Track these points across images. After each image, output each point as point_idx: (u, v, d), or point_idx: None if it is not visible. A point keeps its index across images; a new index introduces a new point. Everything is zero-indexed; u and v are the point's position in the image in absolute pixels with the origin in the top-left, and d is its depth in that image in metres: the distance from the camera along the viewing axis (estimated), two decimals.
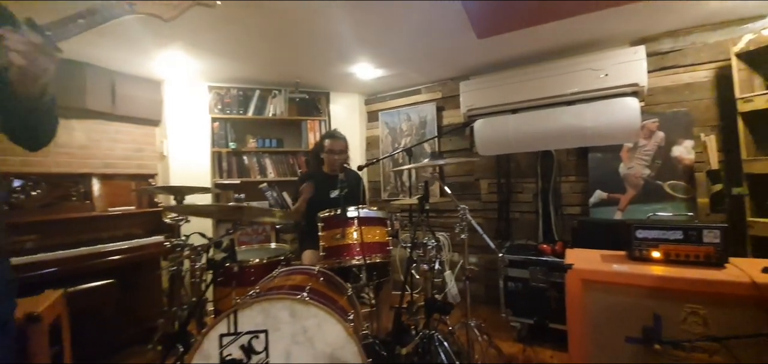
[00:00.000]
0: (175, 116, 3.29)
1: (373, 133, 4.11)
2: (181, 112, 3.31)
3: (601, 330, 1.66)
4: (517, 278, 2.51)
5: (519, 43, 2.71)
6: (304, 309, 1.37)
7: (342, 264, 1.76)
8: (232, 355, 1.32)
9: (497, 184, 3.23)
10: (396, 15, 2.26)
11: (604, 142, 2.66)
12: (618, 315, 1.61)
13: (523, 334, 2.48)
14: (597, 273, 1.65)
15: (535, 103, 2.86)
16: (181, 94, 3.32)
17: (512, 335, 2.52)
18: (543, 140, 2.80)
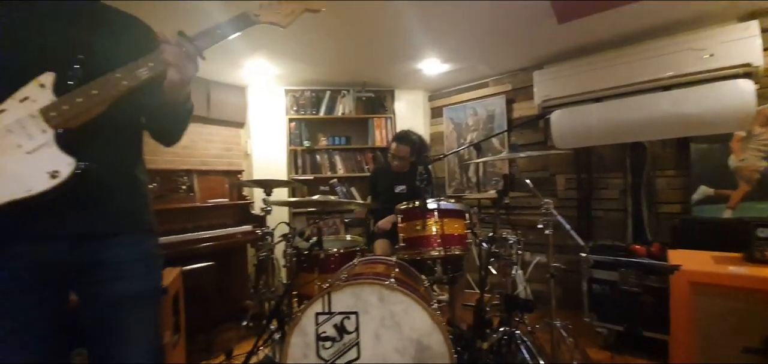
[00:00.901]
0: (257, 118, 3.60)
1: (437, 129, 4.09)
2: (262, 114, 3.61)
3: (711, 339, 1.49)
4: (603, 280, 2.32)
5: (603, 25, 2.49)
6: (391, 295, 1.42)
7: (422, 255, 1.78)
8: (327, 332, 1.42)
9: (576, 179, 3.02)
10: (465, 7, 2.23)
11: (710, 132, 2.34)
12: (733, 323, 1.42)
13: (609, 341, 2.30)
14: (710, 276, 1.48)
15: (624, 90, 2.61)
16: (262, 97, 3.62)
17: (597, 341, 2.34)
18: (634, 131, 2.55)
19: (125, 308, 0.91)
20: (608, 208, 2.86)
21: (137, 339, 0.93)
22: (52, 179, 0.76)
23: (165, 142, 1.07)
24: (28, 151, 0.77)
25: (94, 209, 0.86)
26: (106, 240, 0.89)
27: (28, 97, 0.79)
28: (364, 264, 1.83)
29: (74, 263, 0.85)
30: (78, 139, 0.81)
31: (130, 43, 0.94)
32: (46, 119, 0.78)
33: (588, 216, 2.95)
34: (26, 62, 0.82)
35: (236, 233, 2.93)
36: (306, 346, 1.42)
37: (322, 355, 1.41)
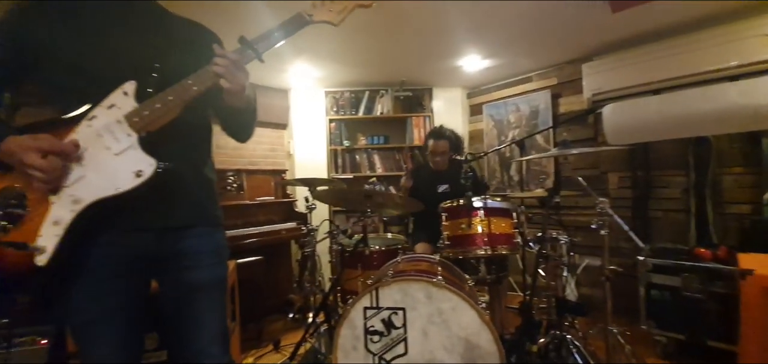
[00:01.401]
0: (299, 120, 3.73)
1: (476, 126, 4.00)
2: (304, 116, 3.74)
3: None
4: (662, 285, 2.16)
5: (659, 11, 2.30)
6: (439, 292, 1.42)
7: (468, 254, 1.76)
8: (375, 327, 1.44)
9: (631, 177, 2.83)
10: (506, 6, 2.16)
11: None
12: None
13: (669, 350, 2.14)
14: None
15: (685, 81, 2.42)
16: (304, 100, 3.74)
17: (655, 350, 2.18)
18: (697, 125, 2.35)
19: (200, 295, 0.99)
20: (668, 208, 2.65)
21: (210, 323, 1.01)
22: (136, 178, 0.84)
23: (238, 139, 1.15)
24: (116, 153, 0.86)
25: (173, 203, 0.94)
26: (184, 232, 0.97)
27: (114, 105, 0.88)
28: (408, 262, 1.84)
29: (157, 252, 0.94)
30: (157, 141, 0.89)
31: (198, 50, 1.01)
32: (131, 124, 0.87)
33: (644, 217, 2.75)
34: (110, 71, 0.91)
35: (281, 230, 3.06)
36: (355, 339, 1.46)
37: (371, 348, 1.44)
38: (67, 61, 0.89)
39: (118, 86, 0.89)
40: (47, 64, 0.89)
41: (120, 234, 0.89)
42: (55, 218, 0.81)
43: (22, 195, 0.84)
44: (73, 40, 0.90)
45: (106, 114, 0.87)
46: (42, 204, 0.83)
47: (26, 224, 0.82)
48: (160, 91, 0.90)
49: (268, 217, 3.10)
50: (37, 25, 0.89)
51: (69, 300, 0.89)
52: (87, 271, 0.87)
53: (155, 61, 0.93)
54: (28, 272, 0.81)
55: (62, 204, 0.82)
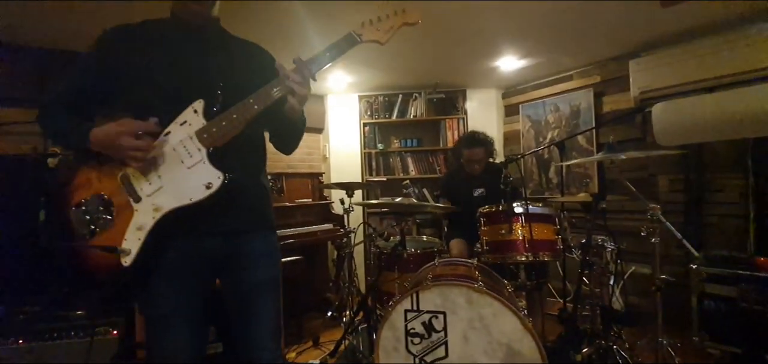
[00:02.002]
0: (334, 124, 3.83)
1: (512, 127, 3.92)
2: (339, 120, 3.84)
3: None
4: (717, 295, 2.03)
5: (714, 3, 2.15)
6: (479, 298, 1.42)
7: (508, 260, 1.75)
8: (415, 329, 1.48)
9: (684, 180, 2.66)
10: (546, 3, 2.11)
11: None
12: None
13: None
14: None
15: (744, 78, 2.25)
16: (338, 104, 3.84)
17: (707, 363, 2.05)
18: (757, 124, 2.17)
19: (258, 293, 1.08)
20: (724, 213, 2.48)
21: (267, 319, 1.09)
22: (207, 190, 0.93)
23: (285, 151, 1.24)
24: (188, 167, 0.95)
25: (235, 210, 1.03)
26: (245, 236, 1.06)
27: (186, 121, 0.98)
28: (445, 265, 1.85)
29: (222, 254, 1.03)
30: (222, 155, 0.97)
31: (256, 69, 1.10)
32: (201, 140, 0.96)
33: (698, 222, 2.58)
34: (180, 89, 1.00)
35: (318, 231, 3.17)
36: (396, 340, 1.50)
37: (411, 350, 1.48)
38: (144, 81, 0.99)
39: (188, 104, 0.98)
40: (128, 84, 1.00)
41: (190, 238, 0.98)
42: (138, 223, 0.92)
43: (110, 202, 0.95)
44: (149, 62, 1.00)
45: (179, 130, 0.97)
46: (126, 210, 0.93)
47: (113, 228, 0.93)
48: (224, 108, 0.99)
49: (306, 218, 3.21)
50: (120, 51, 1.00)
51: (147, 295, 1.00)
52: (162, 270, 0.97)
53: (219, 80, 1.02)
54: (114, 270, 0.92)
55: (144, 211, 0.93)
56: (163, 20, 1.07)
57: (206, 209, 0.96)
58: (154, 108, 0.99)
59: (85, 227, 0.93)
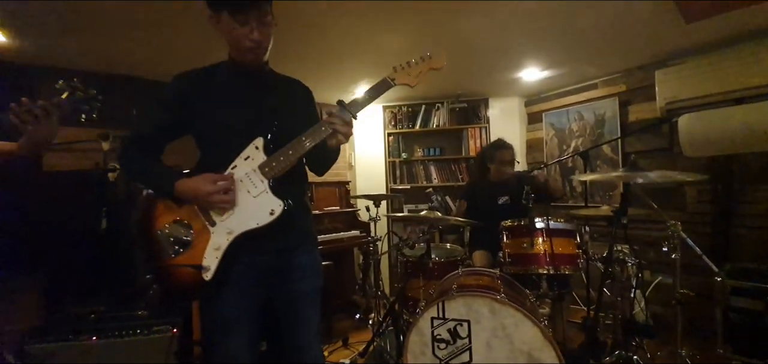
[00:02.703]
0: (359, 133, 4.00)
1: (535, 135, 3.95)
2: (364, 130, 3.99)
3: None
4: (743, 308, 2.03)
5: (742, 13, 2.14)
6: (502, 308, 1.53)
7: (530, 272, 1.84)
8: (441, 335, 1.60)
9: (712, 191, 2.64)
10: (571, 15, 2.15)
11: None
12: None
13: None
14: None
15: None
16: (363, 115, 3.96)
17: None
18: None
19: (305, 300, 1.24)
20: (754, 225, 2.45)
21: (312, 323, 1.26)
22: (270, 216, 1.10)
23: (318, 174, 1.40)
24: (254, 196, 1.12)
25: (286, 230, 1.19)
26: (294, 251, 1.22)
27: (249, 157, 1.15)
28: (469, 275, 1.96)
29: (276, 267, 1.19)
30: (280, 185, 1.14)
31: (299, 104, 1.29)
32: (263, 173, 1.13)
33: (726, 234, 2.56)
34: (241, 127, 1.17)
35: (345, 237, 3.33)
36: (423, 345, 1.63)
37: (438, 354, 1.60)
38: (209, 121, 1.17)
39: (248, 141, 1.15)
40: (195, 123, 1.19)
41: (254, 254, 1.15)
42: (215, 245, 1.09)
43: (189, 226, 1.13)
44: (213, 105, 1.18)
45: (244, 164, 1.14)
46: (204, 233, 1.11)
47: (193, 248, 1.11)
48: (278, 142, 1.15)
49: (334, 225, 3.38)
50: (191, 93, 1.18)
51: (214, 302, 1.17)
52: (228, 281, 1.14)
53: (273, 119, 1.19)
54: (196, 284, 1.10)
55: (219, 234, 1.10)
56: (223, 64, 1.24)
57: (264, 229, 1.12)
58: (218, 144, 1.17)
59: (171, 248, 1.11)
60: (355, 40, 2.49)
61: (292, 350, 1.25)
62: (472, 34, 2.43)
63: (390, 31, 2.39)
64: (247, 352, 1.20)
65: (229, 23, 1.10)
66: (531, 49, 2.79)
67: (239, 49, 1.16)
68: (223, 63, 1.24)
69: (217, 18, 1.12)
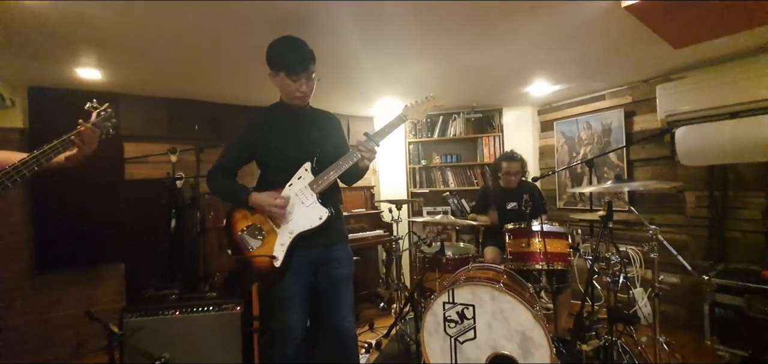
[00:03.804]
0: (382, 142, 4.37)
1: (547, 142, 4.21)
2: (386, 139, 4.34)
3: None
4: (728, 304, 2.27)
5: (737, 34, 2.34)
6: (501, 295, 1.88)
7: (527, 267, 2.18)
8: (451, 316, 1.97)
9: (709, 197, 2.85)
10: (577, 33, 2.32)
11: None
12: None
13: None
14: None
15: (762, 105, 2.43)
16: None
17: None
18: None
19: (343, 283, 1.66)
20: (746, 229, 2.65)
21: (348, 301, 1.67)
22: (319, 220, 1.53)
23: (348, 185, 1.80)
24: (306, 206, 1.55)
25: (328, 230, 1.60)
26: (334, 246, 1.64)
27: (301, 177, 1.57)
28: (477, 269, 2.31)
29: (321, 258, 1.62)
30: (325, 196, 1.56)
31: (333, 133, 1.72)
32: (312, 188, 1.55)
33: (722, 237, 2.77)
34: (294, 154, 1.60)
35: (371, 236, 3.74)
36: (436, 324, 2.00)
37: (448, 332, 1.97)
38: (271, 150, 1.61)
39: (299, 165, 1.58)
40: (260, 150, 1.63)
41: (307, 248, 1.58)
42: (281, 241, 1.53)
43: (261, 228, 1.57)
44: (272, 136, 1.61)
45: (297, 182, 1.57)
46: (272, 234, 1.55)
47: (264, 244, 1.54)
48: (321, 165, 1.58)
49: (360, 225, 3.80)
50: (255, 131, 1.63)
51: (279, 284, 1.60)
52: (290, 268, 1.57)
53: (317, 147, 1.62)
54: (268, 269, 1.53)
55: (283, 234, 1.53)
56: (276, 106, 1.67)
57: (315, 230, 1.54)
58: (276, 167, 1.60)
59: (249, 245, 1.55)
60: (385, 71, 2.89)
61: (334, 320, 1.67)
62: (487, 60, 2.76)
63: (414, 63, 2.77)
64: (300, 323, 1.63)
65: (285, 80, 1.53)
66: (541, 67, 3.06)
67: (291, 98, 1.60)
68: (276, 105, 1.68)
69: (275, 74, 1.55)
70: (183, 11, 1.82)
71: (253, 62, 2.51)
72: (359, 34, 2.20)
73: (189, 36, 2.13)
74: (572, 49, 2.56)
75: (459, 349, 1.95)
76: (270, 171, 1.64)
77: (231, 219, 1.61)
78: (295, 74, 1.51)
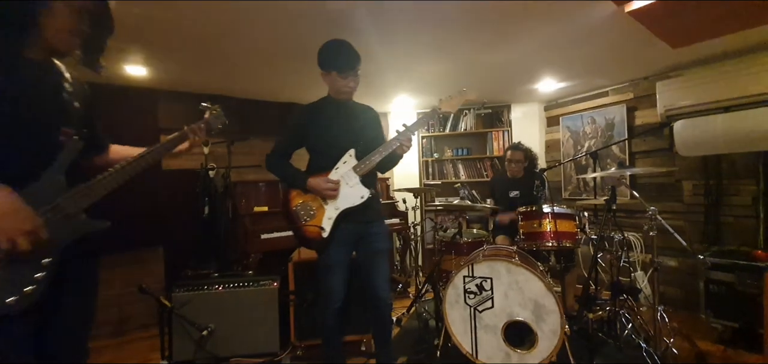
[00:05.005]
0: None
1: (553, 136, 4.43)
2: None
3: None
4: (721, 281, 2.50)
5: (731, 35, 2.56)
6: (516, 268, 2.12)
7: (539, 246, 2.41)
8: (471, 289, 2.20)
9: (704, 185, 3.08)
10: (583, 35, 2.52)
11: None
12: None
13: (725, 336, 2.47)
14: None
15: (753, 100, 2.66)
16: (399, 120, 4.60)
17: (712, 336, 2.53)
18: (763, 139, 2.58)
19: (381, 256, 1.89)
20: (739, 214, 2.88)
21: (385, 273, 1.90)
22: (361, 199, 1.77)
23: (383, 173, 2.03)
24: (350, 186, 1.79)
25: (368, 208, 1.84)
26: (372, 223, 1.88)
27: (346, 162, 1.81)
28: (491, 250, 2.54)
29: (361, 233, 1.85)
30: (366, 178, 1.79)
31: (375, 126, 1.95)
32: (355, 172, 1.79)
33: (717, 222, 3.00)
34: (340, 142, 1.84)
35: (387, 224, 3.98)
36: (457, 295, 2.23)
37: (468, 302, 2.21)
38: (320, 138, 1.85)
39: (344, 151, 1.82)
40: (310, 139, 1.87)
41: (349, 223, 1.81)
42: (328, 216, 1.77)
43: (311, 205, 1.81)
44: (321, 126, 1.85)
45: (343, 167, 1.81)
46: (321, 209, 1.79)
47: (316, 218, 1.79)
48: (363, 151, 1.81)
49: None
50: (306, 119, 1.86)
51: (326, 253, 1.84)
52: (335, 239, 1.81)
53: (360, 136, 1.85)
54: (318, 239, 1.78)
55: (330, 209, 1.78)
56: (325, 99, 1.91)
57: (357, 208, 1.78)
58: (324, 154, 1.84)
59: (303, 217, 1.79)
60: (403, 69, 3.11)
61: (371, 289, 1.91)
62: (498, 60, 2.99)
63: (431, 63, 3.00)
64: (341, 289, 1.86)
65: (336, 78, 1.77)
66: (548, 66, 3.29)
67: (338, 93, 1.84)
68: (325, 98, 1.92)
69: (327, 73, 1.79)
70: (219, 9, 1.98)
71: (279, 59, 2.75)
72: (377, 33, 2.38)
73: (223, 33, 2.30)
74: (579, 48, 2.78)
75: (478, 317, 2.18)
76: (318, 157, 1.88)
77: (287, 196, 1.86)
78: (345, 73, 1.75)
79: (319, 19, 2.15)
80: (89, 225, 1.03)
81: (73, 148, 1.03)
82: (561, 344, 1.99)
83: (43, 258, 0.91)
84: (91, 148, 1.17)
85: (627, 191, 3.58)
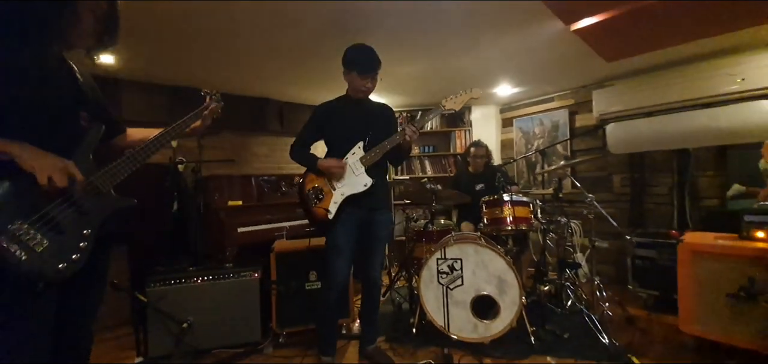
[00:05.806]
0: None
1: (508, 136, 4.88)
2: None
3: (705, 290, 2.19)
4: (645, 256, 3.00)
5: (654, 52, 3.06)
6: (482, 249, 2.40)
7: (500, 230, 2.72)
8: (443, 269, 2.45)
9: (630, 178, 3.63)
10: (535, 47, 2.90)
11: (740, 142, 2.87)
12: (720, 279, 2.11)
13: (649, 303, 2.97)
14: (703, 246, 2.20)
15: (671, 107, 3.21)
16: None
17: (638, 304, 3.02)
18: (678, 140, 3.14)
19: (380, 242, 2.09)
20: (658, 202, 3.45)
21: (381, 257, 2.12)
22: (364, 187, 1.96)
23: (395, 166, 2.24)
24: (356, 175, 1.97)
25: (373, 196, 2.01)
26: (377, 211, 2.06)
27: (355, 152, 1.99)
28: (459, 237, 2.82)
29: (365, 219, 2.02)
30: (371, 169, 1.97)
31: (387, 122, 2.12)
32: (362, 162, 1.97)
33: (641, 209, 3.56)
34: (351, 135, 2.00)
35: None
36: (431, 276, 2.47)
37: (441, 281, 2.45)
38: (335, 131, 2.01)
39: (354, 143, 1.99)
40: (327, 131, 2.03)
41: (354, 208, 1.98)
42: (335, 200, 1.94)
43: (321, 189, 1.96)
44: (335, 121, 2.01)
45: (351, 157, 1.99)
46: (329, 194, 1.95)
47: (324, 201, 1.93)
48: (372, 145, 1.99)
49: None
50: (325, 114, 2.03)
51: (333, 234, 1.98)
52: (340, 223, 1.96)
53: (369, 129, 2.03)
54: (324, 219, 1.93)
55: (337, 195, 1.95)
56: (343, 97, 2.08)
57: (362, 195, 1.96)
58: (339, 146, 2.00)
59: (314, 200, 1.94)
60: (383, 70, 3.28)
61: (367, 270, 2.12)
62: (462, 64, 3.29)
63: (405, 64, 3.22)
64: (347, 268, 2.04)
65: (355, 78, 1.95)
66: (505, 73, 3.67)
67: (356, 91, 2.00)
68: (342, 97, 2.09)
69: (348, 72, 1.96)
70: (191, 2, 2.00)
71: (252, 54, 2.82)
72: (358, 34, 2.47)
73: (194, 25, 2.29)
74: (531, 59, 3.17)
75: (449, 294, 2.44)
76: (332, 148, 2.05)
77: (304, 180, 2.02)
78: (365, 74, 1.92)
79: (292, 15, 2.23)
80: (120, 201, 1.10)
81: (97, 132, 1.10)
82: (520, 313, 2.30)
83: (84, 229, 0.97)
84: (112, 131, 1.22)
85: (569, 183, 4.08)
